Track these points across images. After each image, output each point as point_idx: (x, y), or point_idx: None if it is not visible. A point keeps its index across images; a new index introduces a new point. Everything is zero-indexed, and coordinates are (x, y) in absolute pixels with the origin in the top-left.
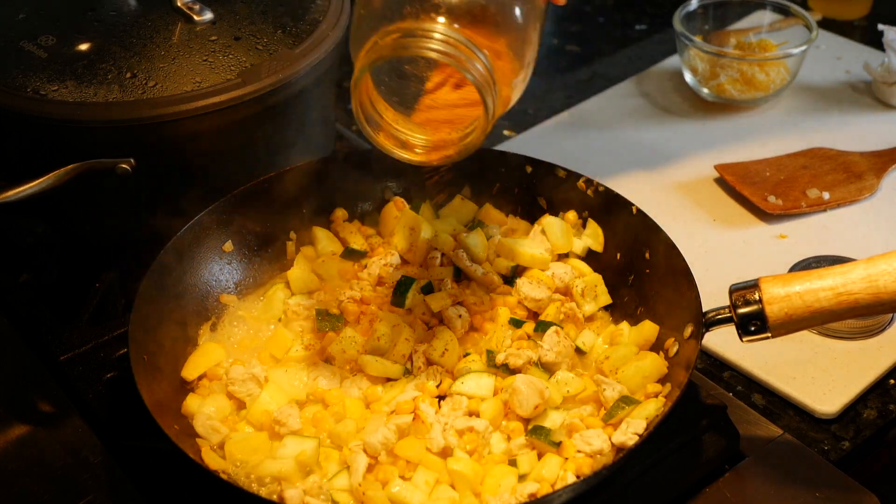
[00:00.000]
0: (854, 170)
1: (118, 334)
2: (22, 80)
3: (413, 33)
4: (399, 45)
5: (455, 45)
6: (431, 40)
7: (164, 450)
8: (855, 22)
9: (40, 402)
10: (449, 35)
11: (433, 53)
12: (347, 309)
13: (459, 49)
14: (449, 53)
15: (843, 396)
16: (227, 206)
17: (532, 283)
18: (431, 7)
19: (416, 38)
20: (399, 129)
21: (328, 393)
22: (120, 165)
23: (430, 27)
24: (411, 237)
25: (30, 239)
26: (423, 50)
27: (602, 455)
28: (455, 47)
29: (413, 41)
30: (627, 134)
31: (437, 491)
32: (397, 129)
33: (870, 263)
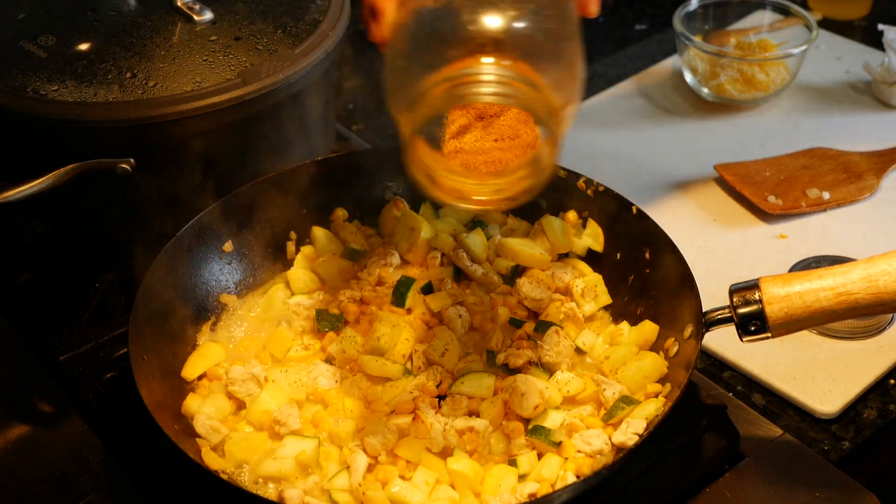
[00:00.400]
0: (854, 170)
1: (118, 334)
2: (22, 80)
3: (463, 80)
4: (452, 95)
5: (510, 84)
6: (485, 84)
7: (164, 450)
8: (855, 22)
9: (40, 402)
10: (502, 75)
11: (491, 98)
12: (347, 309)
13: (515, 87)
14: (507, 94)
15: (844, 396)
16: (227, 206)
17: (532, 283)
18: (477, 48)
19: (469, 84)
20: (455, 180)
21: (328, 393)
22: (120, 165)
23: (481, 70)
24: (411, 237)
25: (30, 239)
26: (479, 96)
27: (602, 455)
28: (510, 86)
29: (466, 89)
30: (627, 134)
31: (437, 491)
32: (452, 179)
33: (870, 263)
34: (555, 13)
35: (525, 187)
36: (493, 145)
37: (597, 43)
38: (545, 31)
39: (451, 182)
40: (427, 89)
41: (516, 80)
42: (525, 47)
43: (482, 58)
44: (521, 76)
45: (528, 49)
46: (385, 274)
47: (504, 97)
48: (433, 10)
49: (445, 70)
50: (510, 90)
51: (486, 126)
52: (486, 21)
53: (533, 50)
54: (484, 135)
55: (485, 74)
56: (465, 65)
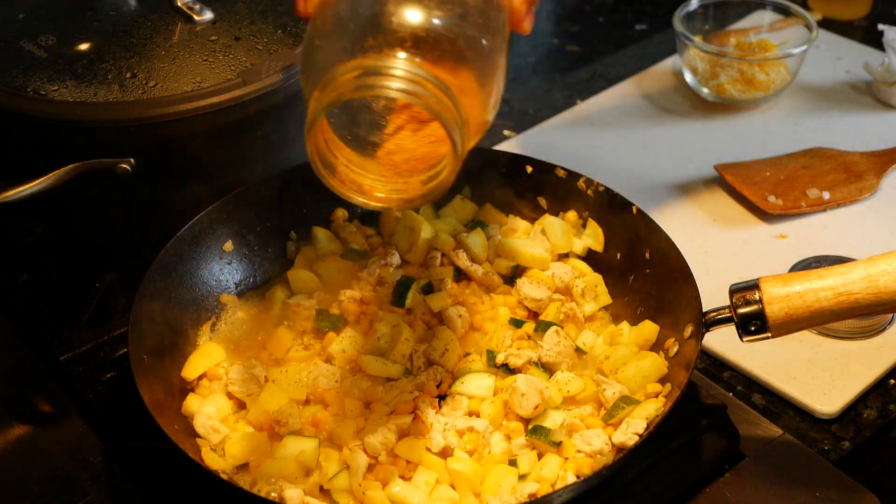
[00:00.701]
0: (854, 170)
1: (118, 334)
2: (22, 80)
3: (375, 71)
4: (360, 84)
5: (420, 83)
6: (395, 79)
7: (164, 450)
8: (855, 22)
9: (40, 402)
10: (413, 72)
11: (396, 93)
12: (347, 309)
13: (425, 87)
14: (414, 92)
15: (844, 396)
16: (227, 206)
17: (532, 283)
18: (396, 41)
19: (378, 76)
20: (357, 172)
21: (328, 393)
22: (120, 165)
23: (393, 64)
24: (411, 237)
25: (30, 239)
26: (386, 90)
27: (602, 455)
28: (420, 85)
29: (375, 80)
30: (627, 134)
31: (437, 491)
32: (355, 171)
33: (870, 263)
34: (482, 22)
35: (423, 192)
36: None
37: (597, 43)
38: (467, 37)
39: (349, 173)
40: (339, 74)
41: (429, 81)
42: (444, 50)
43: (398, 52)
44: (436, 79)
45: (446, 52)
46: (385, 274)
47: (411, 95)
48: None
49: (361, 58)
50: (419, 90)
51: (415, 129)
52: (408, 15)
53: (452, 54)
54: (411, 134)
55: (398, 69)
56: (381, 56)
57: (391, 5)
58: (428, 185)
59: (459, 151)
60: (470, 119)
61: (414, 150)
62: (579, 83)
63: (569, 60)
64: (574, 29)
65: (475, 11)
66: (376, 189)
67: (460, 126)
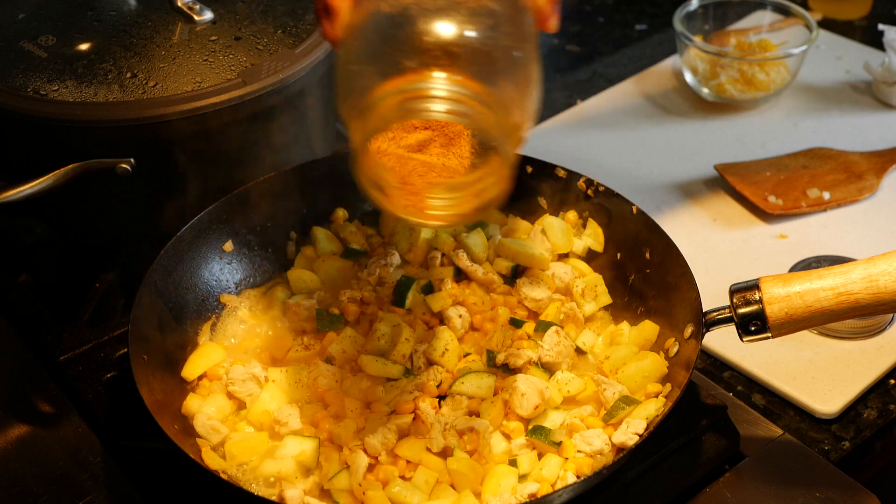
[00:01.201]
0: (854, 170)
1: (118, 334)
2: (22, 80)
3: (417, 93)
4: (404, 109)
5: (463, 101)
6: (437, 100)
7: (164, 450)
8: (855, 22)
9: (40, 402)
10: (455, 90)
11: (442, 115)
12: (348, 309)
13: (467, 104)
14: (459, 112)
15: (844, 396)
16: (227, 206)
17: (532, 283)
18: (432, 60)
19: (421, 99)
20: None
21: (328, 393)
22: (120, 165)
23: (433, 84)
24: (411, 237)
25: (29, 239)
26: (431, 112)
27: (602, 455)
28: (463, 103)
29: (417, 103)
30: (627, 134)
31: (438, 491)
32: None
33: (870, 263)
34: (513, 30)
35: (476, 204)
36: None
37: (597, 43)
38: (502, 47)
39: (400, 195)
40: (379, 99)
41: (470, 97)
42: (480, 63)
43: (436, 71)
44: (475, 93)
45: (483, 65)
46: (385, 274)
47: (457, 115)
48: (389, 15)
49: (398, 80)
50: (463, 108)
51: (444, 144)
52: (441, 32)
53: (489, 66)
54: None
55: (438, 89)
56: (419, 77)
57: (422, 24)
58: (480, 197)
59: (510, 160)
60: (514, 125)
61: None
62: (579, 83)
63: (569, 60)
64: (574, 29)
65: (505, 20)
66: (429, 207)
67: (507, 136)
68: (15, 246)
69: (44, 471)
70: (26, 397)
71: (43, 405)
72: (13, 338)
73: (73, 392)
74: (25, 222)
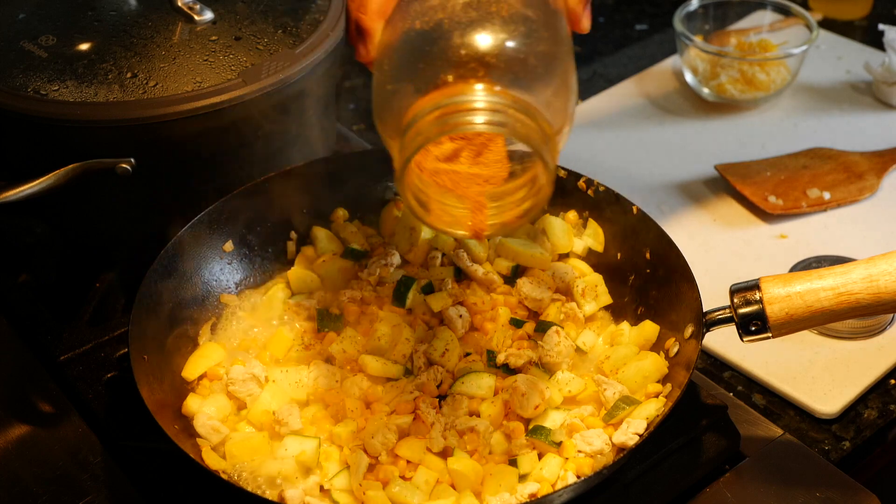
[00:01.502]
0: (855, 170)
1: (118, 334)
2: (22, 80)
3: (456, 107)
4: (444, 124)
5: (503, 111)
6: (477, 112)
7: (164, 450)
8: (855, 22)
9: (40, 402)
10: (494, 101)
11: (483, 126)
12: (348, 309)
13: (507, 114)
14: (499, 122)
15: (844, 396)
16: (227, 205)
17: (532, 283)
18: (470, 72)
19: (461, 112)
20: (449, 205)
21: (328, 393)
22: (120, 165)
23: (473, 97)
24: (412, 237)
25: (29, 239)
26: (472, 126)
27: (602, 455)
28: (503, 113)
29: (458, 117)
30: (628, 134)
31: (438, 491)
32: (448, 205)
33: (870, 263)
34: (547, 35)
35: (519, 213)
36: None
37: (597, 43)
38: (538, 53)
39: (443, 208)
40: (418, 116)
41: (508, 105)
42: (517, 71)
43: (473, 83)
44: (513, 102)
45: (520, 73)
46: (385, 274)
47: (497, 126)
48: (422, 32)
49: (435, 94)
50: (503, 118)
51: (475, 154)
52: (477, 45)
53: (525, 74)
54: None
55: (477, 101)
56: (456, 90)
57: (457, 37)
58: (522, 205)
59: (551, 167)
60: (553, 130)
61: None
62: (579, 83)
63: None
64: None
65: (539, 25)
66: (469, 219)
67: (547, 143)
68: (15, 246)
69: (44, 471)
70: (26, 397)
71: (43, 405)
72: (13, 338)
73: (73, 392)
74: (25, 222)
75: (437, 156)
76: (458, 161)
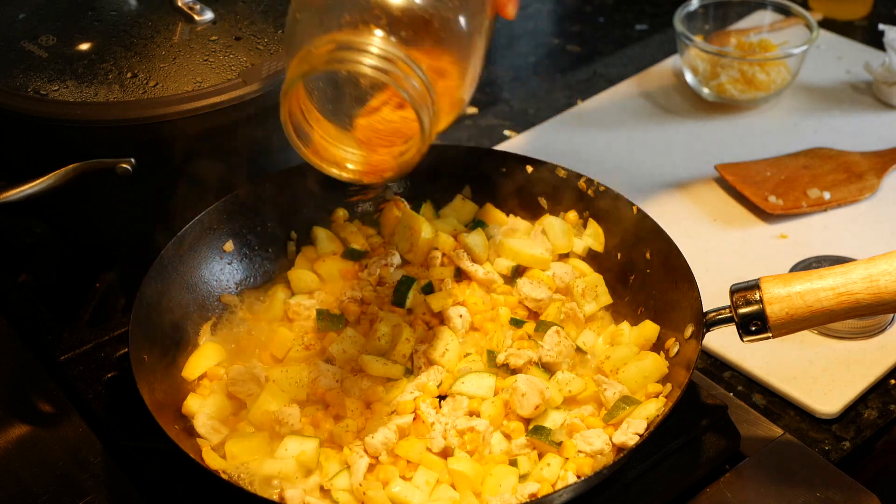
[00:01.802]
0: (855, 170)
1: (118, 334)
2: (22, 80)
3: (349, 46)
4: (333, 58)
5: (393, 62)
6: (368, 55)
7: (164, 450)
8: (855, 22)
9: (40, 402)
10: (387, 50)
11: (368, 70)
12: (348, 309)
13: (397, 66)
14: (385, 70)
15: (844, 396)
16: (227, 205)
17: (533, 283)
18: (372, 18)
19: (352, 51)
20: (332, 144)
21: (328, 393)
22: (120, 165)
23: (368, 41)
24: (412, 237)
25: (29, 239)
26: (359, 65)
27: (602, 455)
28: (393, 64)
29: (348, 55)
30: (628, 134)
31: (438, 491)
32: (330, 143)
33: (870, 263)
34: (461, 6)
35: (392, 166)
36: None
37: (597, 43)
38: (443, 19)
39: (326, 145)
40: (315, 47)
41: (402, 60)
42: (420, 30)
43: (374, 29)
44: (408, 59)
45: (423, 33)
46: (385, 274)
47: (382, 73)
48: None
49: (336, 33)
50: (391, 68)
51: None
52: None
53: (428, 35)
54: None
55: (372, 47)
56: (355, 32)
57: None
58: (399, 159)
59: (427, 132)
60: (444, 98)
61: (392, 124)
62: (579, 83)
63: (569, 60)
64: (574, 29)
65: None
66: (349, 161)
67: (430, 107)
68: (15, 246)
69: (44, 471)
70: (26, 397)
71: (43, 405)
72: (13, 338)
73: (73, 392)
74: (25, 222)
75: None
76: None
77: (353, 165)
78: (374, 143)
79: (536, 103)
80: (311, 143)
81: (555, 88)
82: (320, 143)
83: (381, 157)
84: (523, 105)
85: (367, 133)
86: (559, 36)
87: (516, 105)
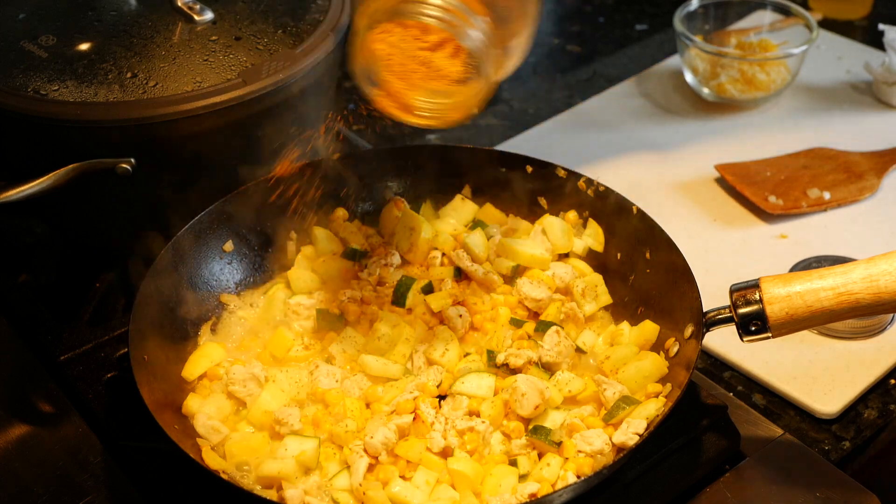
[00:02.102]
0: (855, 170)
1: (118, 334)
2: (22, 80)
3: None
4: (397, 10)
5: (452, 12)
6: (429, 6)
7: (164, 450)
8: (855, 22)
9: (40, 402)
10: (451, 3)
11: (430, 19)
12: (348, 309)
13: (456, 15)
14: (445, 20)
15: (844, 396)
16: (227, 205)
17: (532, 283)
18: None
19: (417, 3)
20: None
21: (328, 393)
22: (120, 165)
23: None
24: (412, 237)
25: (29, 239)
26: (420, 16)
27: (602, 455)
28: (453, 13)
29: (411, 6)
30: (628, 134)
31: (438, 491)
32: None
33: (870, 263)
34: None
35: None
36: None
37: (597, 43)
38: None
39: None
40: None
41: (462, 12)
42: None
43: None
44: (465, 6)
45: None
46: (385, 274)
47: (444, 23)
48: None
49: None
50: (454, 19)
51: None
52: None
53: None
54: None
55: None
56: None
57: None
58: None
59: (488, 79)
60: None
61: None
62: (579, 83)
63: (569, 60)
64: (574, 29)
65: None
66: (416, 108)
67: (489, 55)
68: (15, 246)
69: (44, 471)
70: (26, 397)
71: (43, 405)
72: (13, 338)
73: (73, 392)
74: (25, 222)
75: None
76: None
77: (422, 111)
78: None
79: (536, 103)
80: (381, 90)
81: (554, 88)
82: (388, 90)
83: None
84: (523, 105)
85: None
86: (559, 36)
87: (516, 105)
